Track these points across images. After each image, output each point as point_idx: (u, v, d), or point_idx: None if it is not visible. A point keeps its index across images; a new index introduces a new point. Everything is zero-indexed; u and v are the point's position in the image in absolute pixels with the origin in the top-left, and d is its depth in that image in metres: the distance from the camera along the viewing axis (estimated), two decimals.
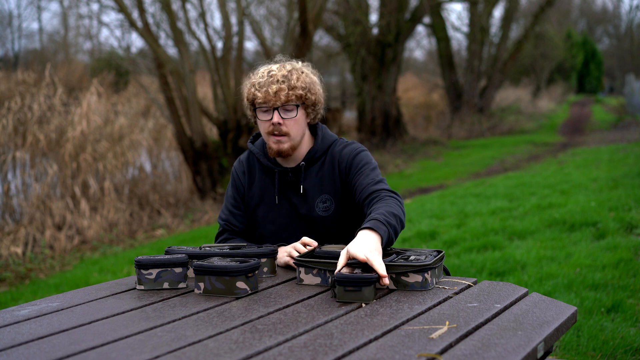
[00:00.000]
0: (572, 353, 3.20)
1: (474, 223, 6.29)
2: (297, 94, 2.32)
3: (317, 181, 2.41)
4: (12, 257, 6.83)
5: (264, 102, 2.32)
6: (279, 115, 2.33)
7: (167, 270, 2.07)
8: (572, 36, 38.75)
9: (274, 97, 2.31)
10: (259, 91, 2.32)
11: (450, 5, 37.08)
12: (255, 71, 2.41)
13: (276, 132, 2.34)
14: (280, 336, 1.59)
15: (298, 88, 2.32)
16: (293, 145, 2.38)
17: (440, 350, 1.49)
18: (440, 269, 2.12)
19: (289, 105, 2.33)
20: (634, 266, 4.46)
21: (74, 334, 1.66)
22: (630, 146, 12.46)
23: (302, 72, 2.37)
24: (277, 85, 2.30)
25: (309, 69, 2.42)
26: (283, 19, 14.77)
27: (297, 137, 2.37)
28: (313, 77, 2.39)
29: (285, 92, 2.31)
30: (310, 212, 2.40)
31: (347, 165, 2.38)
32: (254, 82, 2.36)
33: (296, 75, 2.34)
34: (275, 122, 2.33)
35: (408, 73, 26.20)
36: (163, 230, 8.34)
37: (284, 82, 2.31)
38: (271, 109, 2.33)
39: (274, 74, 2.33)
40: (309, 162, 2.42)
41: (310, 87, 2.36)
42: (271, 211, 2.43)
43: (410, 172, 12.30)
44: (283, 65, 2.37)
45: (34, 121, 8.53)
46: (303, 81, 2.34)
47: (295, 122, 2.35)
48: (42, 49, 25.62)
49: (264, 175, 2.46)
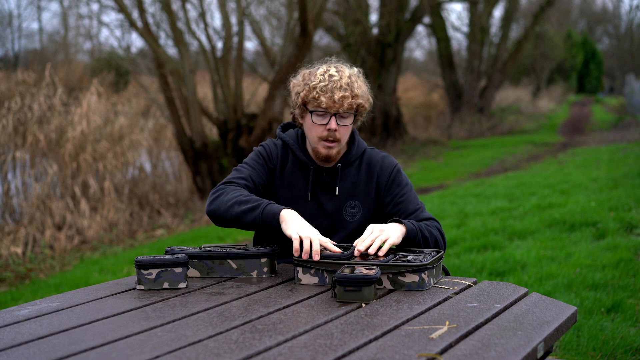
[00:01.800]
0: (572, 353, 3.20)
1: (474, 223, 6.29)
2: (357, 102, 2.32)
3: (350, 186, 2.41)
4: (12, 257, 6.83)
5: (325, 107, 2.30)
6: (335, 122, 2.32)
7: (167, 270, 2.07)
8: (572, 36, 38.74)
9: (337, 103, 2.29)
10: (322, 95, 2.29)
11: (450, 5, 37.09)
12: (310, 71, 2.38)
13: (330, 138, 2.33)
14: (280, 336, 1.59)
15: (359, 97, 2.32)
16: (340, 151, 2.40)
17: (440, 350, 1.49)
18: (439, 269, 2.12)
19: (346, 113, 2.32)
20: (634, 266, 4.46)
21: (74, 334, 1.66)
22: (630, 146, 12.46)
23: (359, 77, 2.37)
24: (341, 92, 2.29)
25: (361, 75, 2.42)
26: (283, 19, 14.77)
27: (344, 143, 2.39)
28: (366, 86, 2.40)
29: (349, 100, 2.30)
30: (336, 215, 2.40)
31: (390, 181, 2.41)
32: (315, 84, 2.32)
33: (357, 83, 2.33)
34: (333, 128, 2.31)
35: (408, 73, 26.18)
36: (163, 230, 8.34)
37: (347, 89, 2.30)
38: (329, 114, 2.32)
39: (336, 79, 2.31)
40: (344, 165, 2.42)
41: (366, 96, 2.37)
42: (297, 206, 2.39)
43: (410, 172, 12.30)
44: (342, 70, 2.35)
45: (34, 121, 8.53)
46: (362, 89, 2.34)
47: (347, 129, 2.36)
48: (42, 49, 25.61)
49: (296, 168, 2.43)
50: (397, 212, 2.37)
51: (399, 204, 2.38)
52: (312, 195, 2.41)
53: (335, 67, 2.36)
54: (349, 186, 2.41)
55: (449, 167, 12.68)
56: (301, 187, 2.41)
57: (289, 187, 2.42)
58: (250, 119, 10.74)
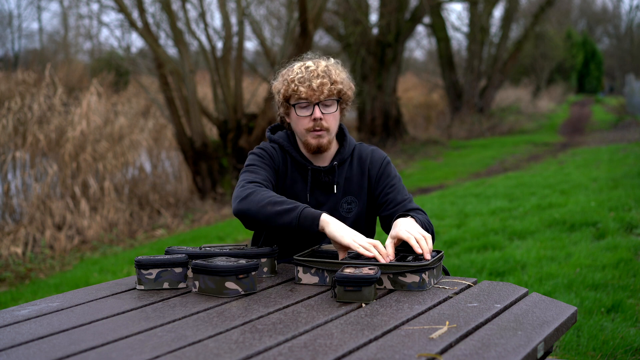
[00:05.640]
0: (572, 353, 3.20)
1: (474, 223, 6.29)
2: (338, 88, 2.33)
3: (344, 182, 2.42)
4: (12, 257, 6.83)
5: (305, 97, 2.31)
6: (319, 110, 2.32)
7: (167, 270, 2.07)
8: (572, 36, 38.75)
9: (316, 91, 2.30)
10: (301, 85, 2.30)
11: (450, 5, 37.07)
12: (287, 69, 2.39)
13: (317, 128, 2.33)
14: (280, 336, 1.59)
15: (339, 82, 2.34)
16: (330, 140, 2.39)
17: (440, 350, 1.49)
18: (439, 269, 2.12)
19: (329, 100, 2.33)
20: (634, 266, 4.46)
21: (74, 334, 1.66)
22: (630, 146, 12.46)
23: (337, 67, 2.38)
24: (319, 79, 2.30)
25: (340, 65, 2.43)
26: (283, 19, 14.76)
27: (333, 132, 2.39)
28: (346, 74, 2.41)
29: (328, 86, 2.31)
30: (333, 212, 2.40)
31: (379, 173, 2.43)
32: (292, 78, 2.33)
33: (335, 71, 2.35)
34: (318, 117, 2.31)
35: (408, 73, 26.18)
36: (163, 230, 8.34)
37: (324, 76, 2.31)
38: (312, 104, 2.32)
39: (312, 68, 2.33)
40: (340, 162, 2.42)
41: (346, 83, 2.38)
42: None
43: (410, 172, 12.30)
44: (317, 61, 2.37)
45: (34, 121, 8.54)
46: (341, 76, 2.36)
47: (333, 117, 2.36)
48: (42, 49, 25.60)
49: (294, 169, 2.43)
50: (385, 202, 2.38)
51: (388, 194, 2.39)
52: (311, 195, 2.41)
53: (312, 60, 2.39)
54: (343, 182, 2.42)
55: (449, 167, 12.68)
56: (300, 188, 2.41)
57: (289, 189, 2.42)
58: (250, 119, 10.74)
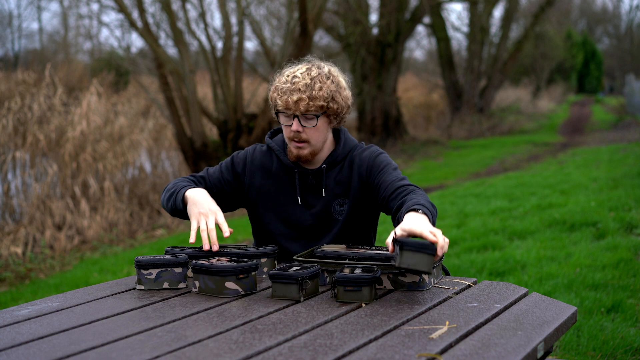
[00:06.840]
0: (572, 353, 3.20)
1: (474, 223, 6.29)
2: (317, 105, 2.25)
3: (335, 184, 2.38)
4: (12, 257, 6.83)
5: (283, 110, 2.28)
6: (298, 123, 2.27)
7: (167, 270, 2.07)
8: (572, 36, 38.73)
9: (293, 106, 2.25)
10: (280, 97, 2.27)
11: (450, 5, 37.05)
12: (281, 72, 2.35)
13: (296, 139, 2.30)
14: (280, 336, 1.59)
15: (319, 99, 2.24)
16: (314, 151, 2.34)
17: (440, 350, 1.49)
18: (439, 269, 2.12)
19: (309, 114, 2.27)
20: (634, 266, 4.46)
21: (74, 334, 1.66)
22: (630, 146, 12.46)
23: (328, 78, 2.29)
24: (298, 94, 2.24)
25: (337, 72, 2.35)
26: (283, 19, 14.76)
27: (318, 144, 2.34)
28: (340, 83, 2.32)
29: (305, 102, 2.24)
30: (325, 215, 2.38)
31: (368, 168, 2.35)
32: (277, 86, 2.30)
33: (319, 84, 2.25)
34: (295, 130, 2.28)
35: (408, 73, 26.16)
36: (163, 230, 8.34)
37: (305, 91, 2.24)
38: (291, 115, 2.28)
39: (297, 80, 2.26)
40: (329, 165, 2.38)
41: (333, 96, 2.28)
42: (284, 211, 2.39)
43: (410, 172, 12.30)
44: (309, 70, 2.28)
45: (34, 121, 8.53)
46: (326, 90, 2.26)
47: (315, 130, 2.30)
48: (42, 49, 25.59)
49: (283, 173, 2.40)
50: (378, 184, 2.30)
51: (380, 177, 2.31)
52: (301, 198, 2.39)
53: (307, 65, 2.32)
54: (335, 185, 2.38)
55: (449, 167, 12.68)
56: (289, 191, 2.39)
57: (275, 195, 2.40)
58: (250, 119, 10.74)
